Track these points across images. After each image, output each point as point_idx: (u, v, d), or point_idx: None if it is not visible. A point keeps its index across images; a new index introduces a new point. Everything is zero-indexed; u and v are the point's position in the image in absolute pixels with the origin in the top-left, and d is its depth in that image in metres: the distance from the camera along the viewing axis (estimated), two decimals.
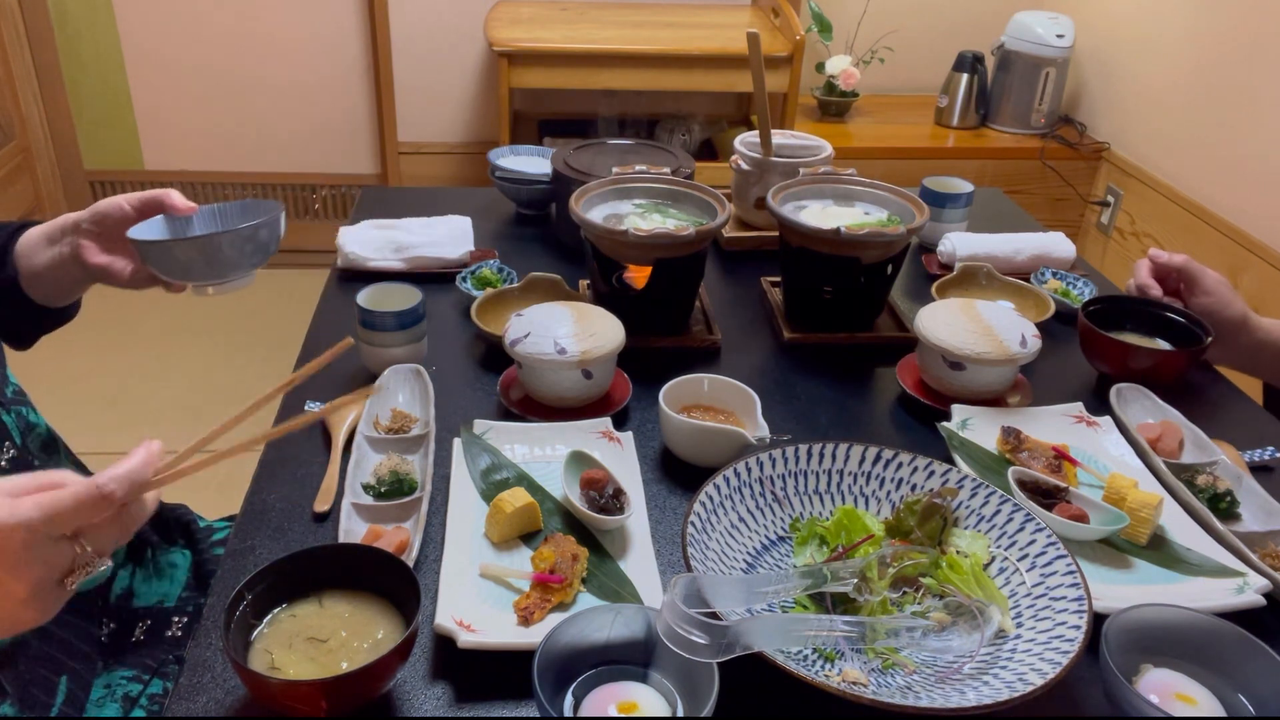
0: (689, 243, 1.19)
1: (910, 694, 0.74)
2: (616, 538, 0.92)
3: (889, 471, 0.94)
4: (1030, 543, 0.86)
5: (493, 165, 1.63)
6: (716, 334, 1.28)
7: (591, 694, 0.72)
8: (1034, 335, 1.12)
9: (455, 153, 3.24)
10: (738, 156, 1.53)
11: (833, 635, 0.76)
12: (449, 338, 1.26)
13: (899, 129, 3.02)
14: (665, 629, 0.69)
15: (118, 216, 1.00)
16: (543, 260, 1.48)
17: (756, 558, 0.89)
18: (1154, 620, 0.78)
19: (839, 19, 3.06)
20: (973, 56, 2.98)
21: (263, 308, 3.03)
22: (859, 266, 1.24)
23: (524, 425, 1.06)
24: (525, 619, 0.81)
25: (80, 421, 2.50)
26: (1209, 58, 2.49)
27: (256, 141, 3.20)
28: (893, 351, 1.26)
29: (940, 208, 1.56)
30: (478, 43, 3.05)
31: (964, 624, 0.79)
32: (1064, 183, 2.93)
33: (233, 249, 0.96)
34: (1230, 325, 1.22)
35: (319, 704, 0.70)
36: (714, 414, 1.08)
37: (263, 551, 0.90)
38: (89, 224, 1.00)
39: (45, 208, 3.16)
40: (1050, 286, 1.42)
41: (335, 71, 3.12)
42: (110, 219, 1.00)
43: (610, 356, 1.08)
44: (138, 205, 1.00)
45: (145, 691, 0.94)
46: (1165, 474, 1.01)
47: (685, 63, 2.65)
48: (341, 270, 1.41)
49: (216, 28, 3.02)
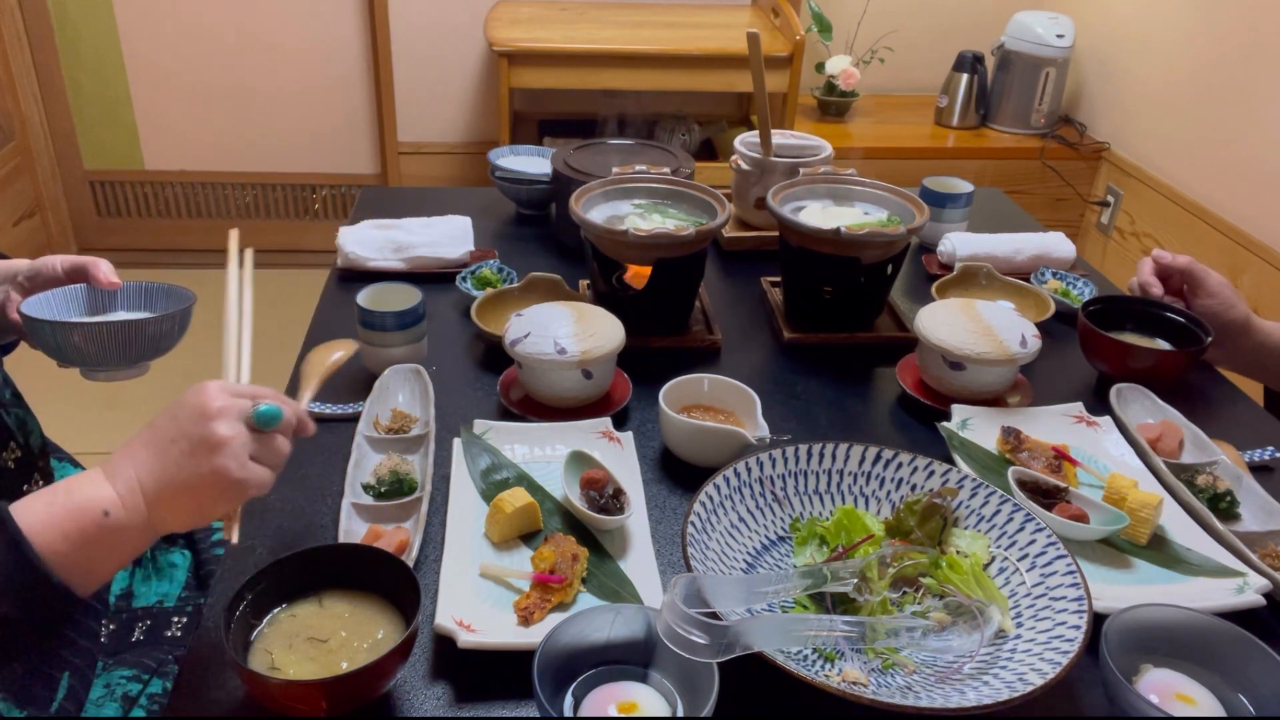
0: (689, 243, 1.19)
1: (910, 694, 0.74)
2: (616, 538, 0.92)
3: (889, 471, 0.94)
4: (1030, 543, 0.86)
5: (493, 165, 1.63)
6: (716, 334, 1.28)
7: (591, 694, 0.72)
8: (1034, 335, 1.12)
9: (455, 153, 3.24)
10: (738, 156, 1.53)
11: (833, 635, 0.76)
12: (449, 338, 1.26)
13: (899, 129, 3.02)
14: (665, 629, 0.69)
15: (48, 275, 0.97)
16: (543, 260, 1.48)
17: (756, 558, 0.89)
18: (1154, 620, 0.78)
19: (839, 19, 3.06)
20: (973, 56, 2.98)
21: (263, 308, 3.00)
22: (859, 266, 1.24)
23: (524, 425, 1.06)
24: (525, 619, 0.81)
25: (80, 422, 2.49)
26: (1209, 58, 2.49)
27: (256, 141, 3.20)
28: (893, 351, 1.26)
29: (940, 208, 1.56)
30: (478, 43, 3.05)
31: (964, 624, 0.79)
32: (1064, 183, 2.93)
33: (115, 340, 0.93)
34: (1233, 328, 1.22)
35: (319, 704, 0.70)
36: (714, 414, 1.08)
37: (263, 551, 0.90)
38: (24, 279, 0.97)
39: (45, 208, 3.16)
40: (1050, 286, 1.42)
41: (335, 72, 3.12)
42: (41, 277, 0.97)
43: (610, 356, 1.08)
44: (68, 269, 0.97)
45: (145, 691, 0.94)
46: (1165, 474, 1.01)
47: (685, 63, 2.65)
48: (341, 270, 1.41)
49: (216, 27, 3.02)
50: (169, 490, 0.74)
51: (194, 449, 0.73)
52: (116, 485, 0.74)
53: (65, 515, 0.72)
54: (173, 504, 0.74)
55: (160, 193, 3.26)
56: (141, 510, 0.73)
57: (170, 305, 1.01)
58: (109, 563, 0.74)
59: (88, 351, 0.93)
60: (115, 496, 0.73)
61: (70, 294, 0.98)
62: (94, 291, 0.99)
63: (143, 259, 3.23)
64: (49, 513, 0.72)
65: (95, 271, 0.98)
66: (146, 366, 0.98)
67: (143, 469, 0.74)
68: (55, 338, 0.92)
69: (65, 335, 0.91)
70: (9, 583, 0.69)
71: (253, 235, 3.80)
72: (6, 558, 0.69)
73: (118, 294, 1.00)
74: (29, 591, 0.70)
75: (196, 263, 3.27)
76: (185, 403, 0.76)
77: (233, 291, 0.94)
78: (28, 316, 0.92)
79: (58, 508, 0.72)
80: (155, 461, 0.74)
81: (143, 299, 1.02)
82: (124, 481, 0.74)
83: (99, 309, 1.00)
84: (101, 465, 0.76)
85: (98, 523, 0.72)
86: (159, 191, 3.26)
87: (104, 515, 0.72)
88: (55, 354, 0.94)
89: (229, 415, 0.75)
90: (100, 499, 0.73)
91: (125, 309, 1.01)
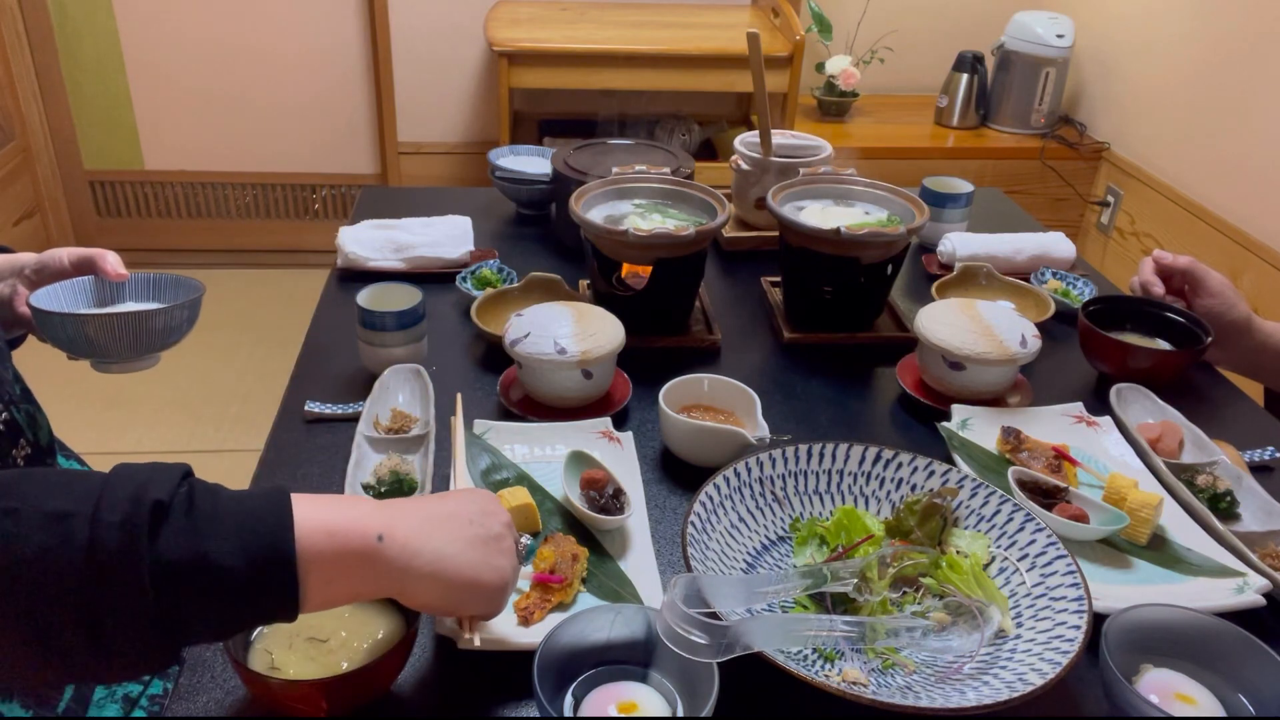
0: (689, 243, 1.19)
1: (910, 694, 0.74)
2: (616, 538, 0.92)
3: (889, 471, 0.94)
4: (1030, 543, 0.86)
5: (493, 165, 1.63)
6: (716, 334, 1.28)
7: (591, 694, 0.72)
8: (1034, 335, 1.12)
9: (455, 153, 3.24)
10: (738, 156, 1.53)
11: (833, 635, 0.76)
12: (449, 338, 1.26)
13: (899, 129, 3.02)
14: (665, 629, 0.69)
15: (55, 268, 0.96)
16: (543, 260, 1.48)
17: (756, 558, 0.89)
18: (1154, 620, 0.78)
19: (839, 19, 3.06)
20: (973, 56, 2.98)
21: (263, 308, 3.03)
22: (859, 266, 1.24)
23: (524, 425, 1.06)
24: (525, 619, 0.81)
25: (80, 421, 2.50)
26: (1208, 58, 2.49)
27: (256, 141, 3.20)
28: (893, 351, 1.26)
29: (940, 208, 1.56)
30: (478, 43, 3.05)
31: (964, 624, 0.79)
32: (1064, 183, 2.93)
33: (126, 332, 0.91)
34: (1234, 328, 1.22)
35: (319, 704, 0.70)
36: (714, 414, 1.08)
37: None
38: (31, 272, 0.96)
39: (45, 208, 3.16)
40: (1050, 286, 1.42)
41: (335, 72, 3.12)
42: (49, 270, 0.96)
43: (610, 356, 1.08)
44: (75, 261, 0.97)
45: (145, 692, 0.94)
46: (1165, 474, 1.01)
47: (685, 63, 2.65)
48: (341, 270, 1.41)
49: (216, 28, 3.02)
50: (440, 562, 0.68)
51: (485, 542, 0.71)
52: (390, 524, 0.67)
53: (337, 519, 0.65)
54: (435, 579, 0.68)
55: (160, 193, 3.26)
56: (401, 562, 0.66)
57: (179, 296, 1.00)
58: (346, 588, 0.66)
59: (101, 343, 0.92)
60: (389, 529, 0.67)
61: (78, 286, 0.98)
62: (102, 283, 0.99)
63: (143, 259, 3.23)
64: (322, 509, 0.65)
65: (103, 263, 0.97)
66: (158, 358, 0.98)
67: (417, 530, 0.68)
68: (67, 330, 0.91)
69: (78, 327, 0.91)
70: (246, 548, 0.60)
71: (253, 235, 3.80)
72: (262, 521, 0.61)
73: (125, 285, 1.00)
74: (262, 572, 0.60)
75: (197, 263, 3.27)
76: (479, 496, 0.75)
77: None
78: (39, 309, 0.91)
79: (332, 510, 0.66)
80: (436, 530, 0.69)
81: (151, 290, 1.01)
82: (390, 524, 0.67)
83: (107, 301, 0.99)
84: (368, 500, 0.72)
85: (367, 543, 0.65)
86: (159, 192, 3.26)
87: (377, 539, 0.65)
88: (67, 346, 0.94)
89: (515, 532, 0.75)
90: (376, 524, 0.66)
91: (134, 300, 1.01)
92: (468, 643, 0.75)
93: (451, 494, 0.76)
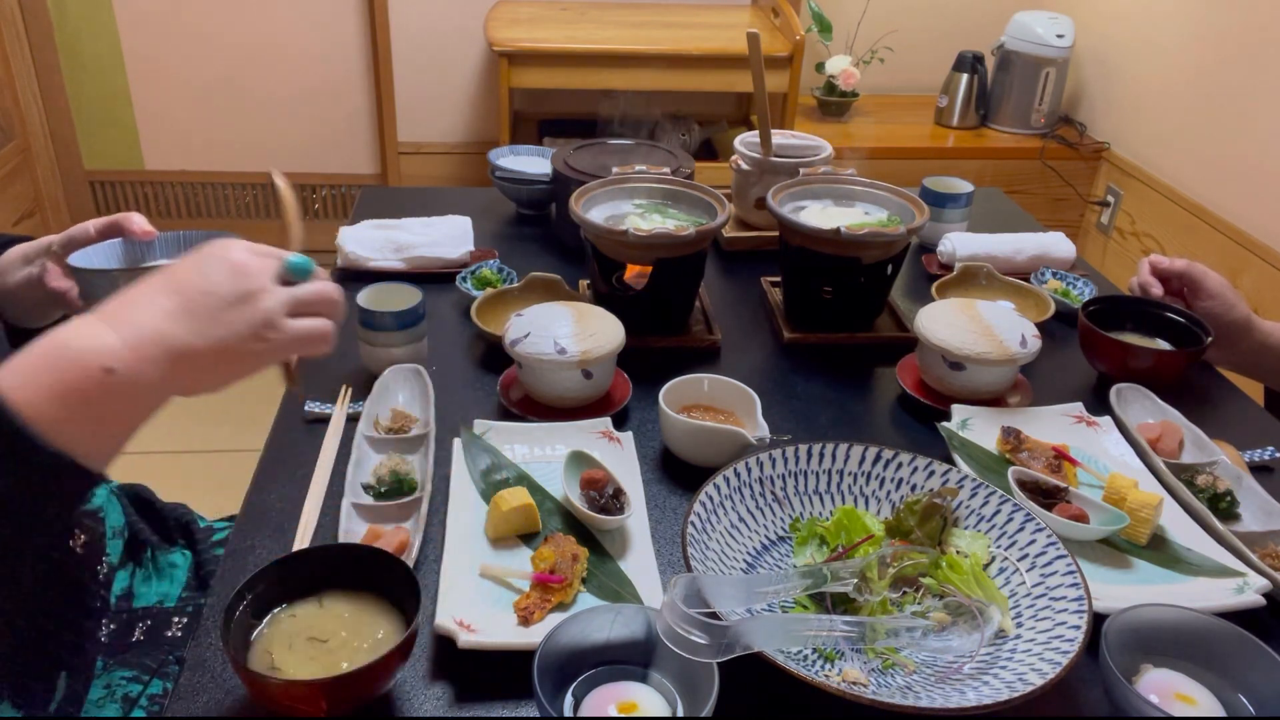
0: (689, 243, 1.19)
1: (910, 694, 0.74)
2: (616, 538, 0.92)
3: (889, 471, 0.94)
4: (1030, 543, 0.86)
5: (493, 165, 1.63)
6: (716, 334, 1.28)
7: (591, 694, 0.72)
8: (1034, 335, 1.12)
9: (455, 153, 3.24)
10: (738, 156, 1.53)
11: (833, 635, 0.76)
12: (449, 338, 1.26)
13: (899, 129, 3.02)
14: (665, 629, 0.69)
15: (82, 240, 0.96)
16: (543, 260, 1.48)
17: (756, 558, 0.89)
18: (1154, 620, 0.78)
19: (839, 19, 3.06)
20: (973, 56, 2.98)
21: None
22: (859, 266, 1.24)
23: (524, 425, 1.06)
24: (525, 619, 0.81)
25: None
26: (1209, 58, 2.49)
27: (256, 141, 3.20)
28: (893, 351, 1.26)
29: (940, 208, 1.56)
30: (478, 43, 3.05)
31: (964, 624, 0.79)
32: (1064, 183, 2.93)
33: None
34: (1234, 329, 1.22)
35: (319, 704, 0.70)
36: (714, 414, 1.08)
37: (263, 551, 0.90)
38: (59, 247, 0.96)
39: (45, 208, 3.16)
40: (1050, 286, 1.42)
41: (335, 72, 3.11)
42: (75, 242, 0.96)
43: (610, 356, 1.08)
44: (101, 228, 0.96)
45: (145, 692, 0.94)
46: (1165, 474, 1.01)
47: (685, 63, 2.65)
48: (341, 270, 1.41)
49: (216, 27, 3.02)
50: (204, 347, 0.67)
51: (232, 305, 0.68)
52: (124, 335, 0.65)
53: (56, 371, 0.63)
54: (206, 363, 0.68)
55: (160, 193, 3.26)
56: (160, 366, 0.66)
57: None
58: (117, 426, 0.66)
59: None
60: (122, 350, 0.64)
61: (109, 249, 0.97)
62: (131, 245, 0.98)
63: None
64: (31, 367, 0.63)
65: (129, 224, 0.97)
66: None
67: (165, 322, 0.67)
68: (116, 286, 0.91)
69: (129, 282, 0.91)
70: None
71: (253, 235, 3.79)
72: None
73: (155, 244, 0.99)
74: (17, 461, 0.60)
75: None
76: (212, 257, 0.70)
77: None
78: (83, 270, 0.91)
79: (46, 362, 0.63)
80: (184, 315, 0.67)
81: (181, 246, 1.00)
82: (135, 332, 0.66)
83: (139, 260, 0.99)
84: (99, 312, 0.68)
85: (99, 382, 0.63)
86: (159, 191, 3.25)
87: (106, 373, 0.63)
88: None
89: (267, 272, 0.71)
90: (102, 353, 0.64)
91: (165, 258, 1.00)
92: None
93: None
